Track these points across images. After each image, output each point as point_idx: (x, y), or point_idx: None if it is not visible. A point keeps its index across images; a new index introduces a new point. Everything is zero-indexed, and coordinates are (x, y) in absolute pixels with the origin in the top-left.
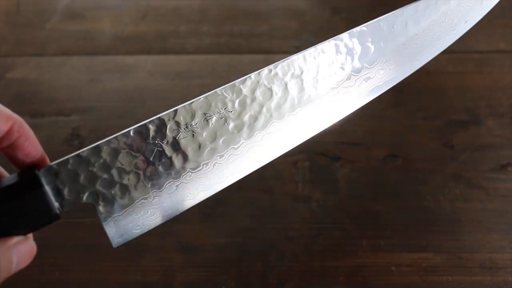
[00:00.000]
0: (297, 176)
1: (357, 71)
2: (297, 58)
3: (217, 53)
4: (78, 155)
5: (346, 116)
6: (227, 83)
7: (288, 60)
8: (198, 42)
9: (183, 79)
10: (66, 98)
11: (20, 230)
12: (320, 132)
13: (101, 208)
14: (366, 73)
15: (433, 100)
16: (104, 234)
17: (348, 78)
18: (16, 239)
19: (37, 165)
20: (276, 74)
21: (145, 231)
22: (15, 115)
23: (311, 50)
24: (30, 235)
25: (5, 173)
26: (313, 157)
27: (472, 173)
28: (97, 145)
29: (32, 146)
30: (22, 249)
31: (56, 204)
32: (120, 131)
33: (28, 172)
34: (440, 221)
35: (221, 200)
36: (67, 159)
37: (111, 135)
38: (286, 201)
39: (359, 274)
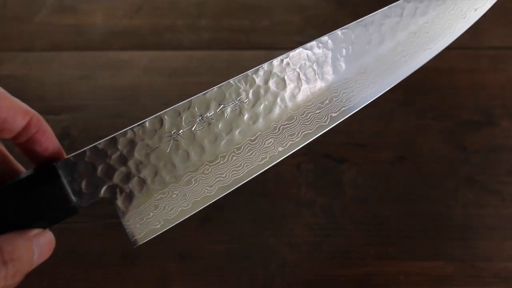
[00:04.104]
0: (300, 179)
1: (370, 60)
2: (310, 48)
3: (216, 49)
4: (95, 146)
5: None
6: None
7: (299, 49)
8: (196, 37)
9: (180, 76)
10: (56, 95)
11: (38, 222)
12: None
13: (119, 203)
14: (380, 62)
15: (445, 99)
16: (93, 241)
17: (361, 68)
18: (35, 231)
19: (54, 159)
20: (288, 64)
21: (166, 228)
22: (32, 110)
23: (322, 39)
24: (47, 229)
25: (22, 169)
26: (317, 158)
27: (486, 176)
28: (113, 136)
29: (49, 140)
30: (42, 241)
31: (74, 198)
32: (113, 130)
33: (46, 164)
34: (451, 227)
35: (220, 204)
36: (84, 151)
37: (104, 134)
38: (288, 206)
39: (365, 284)
